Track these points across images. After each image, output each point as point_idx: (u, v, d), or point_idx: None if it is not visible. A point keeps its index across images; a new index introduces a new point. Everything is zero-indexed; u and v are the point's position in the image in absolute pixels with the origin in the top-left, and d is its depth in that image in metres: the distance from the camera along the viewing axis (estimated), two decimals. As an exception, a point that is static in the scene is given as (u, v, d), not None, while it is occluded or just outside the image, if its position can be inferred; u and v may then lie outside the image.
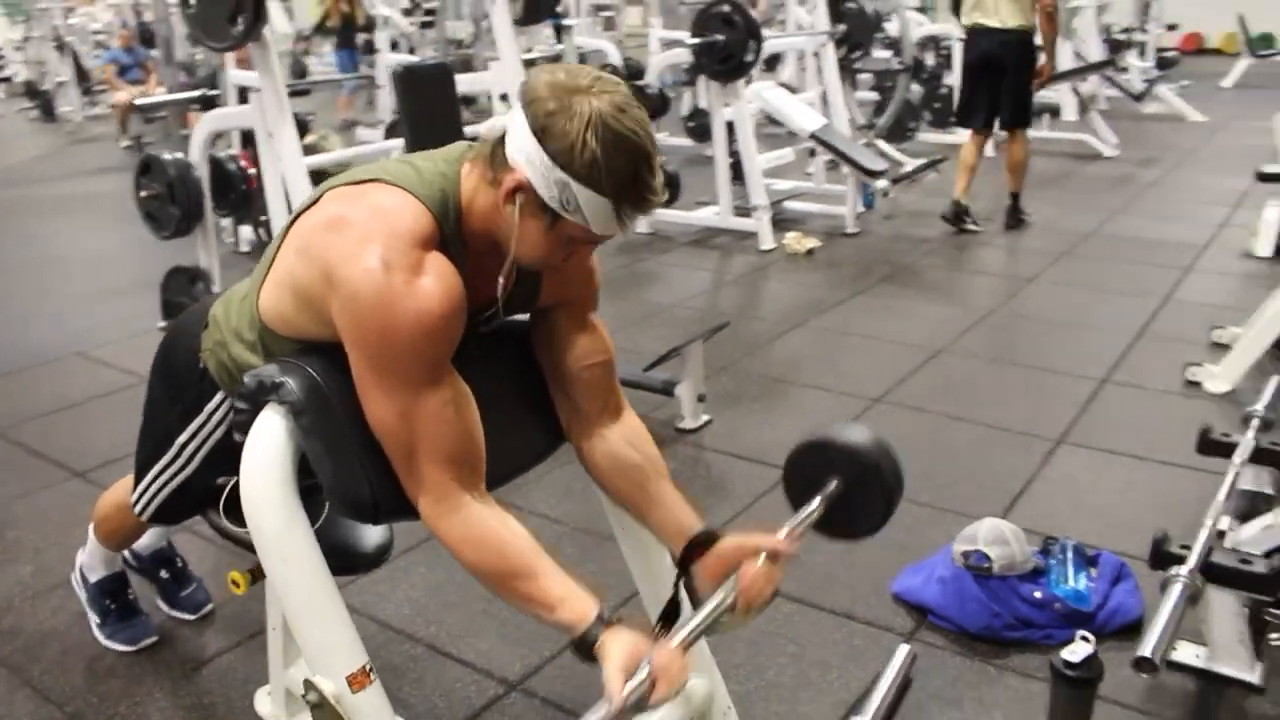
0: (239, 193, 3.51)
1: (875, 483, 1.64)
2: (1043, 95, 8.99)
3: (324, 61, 12.29)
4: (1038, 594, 2.29)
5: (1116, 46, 9.57)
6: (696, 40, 4.91)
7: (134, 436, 1.82)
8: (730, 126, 5.29)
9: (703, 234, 5.74)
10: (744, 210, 5.53)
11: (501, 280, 1.38)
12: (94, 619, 2.30)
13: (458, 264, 1.34)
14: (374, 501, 1.36)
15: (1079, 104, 8.88)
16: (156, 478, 1.75)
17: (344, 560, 1.73)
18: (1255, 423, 2.69)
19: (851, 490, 1.63)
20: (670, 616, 1.51)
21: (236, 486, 1.66)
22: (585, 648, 1.29)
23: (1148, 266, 5.10)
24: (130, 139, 9.80)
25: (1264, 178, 5.27)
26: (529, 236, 1.34)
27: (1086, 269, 5.13)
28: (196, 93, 4.87)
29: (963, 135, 6.13)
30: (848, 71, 6.58)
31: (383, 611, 2.38)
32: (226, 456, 1.65)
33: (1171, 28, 12.74)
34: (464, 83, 3.78)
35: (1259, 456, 2.56)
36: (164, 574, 2.38)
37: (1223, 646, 2.16)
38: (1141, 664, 1.85)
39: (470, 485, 1.36)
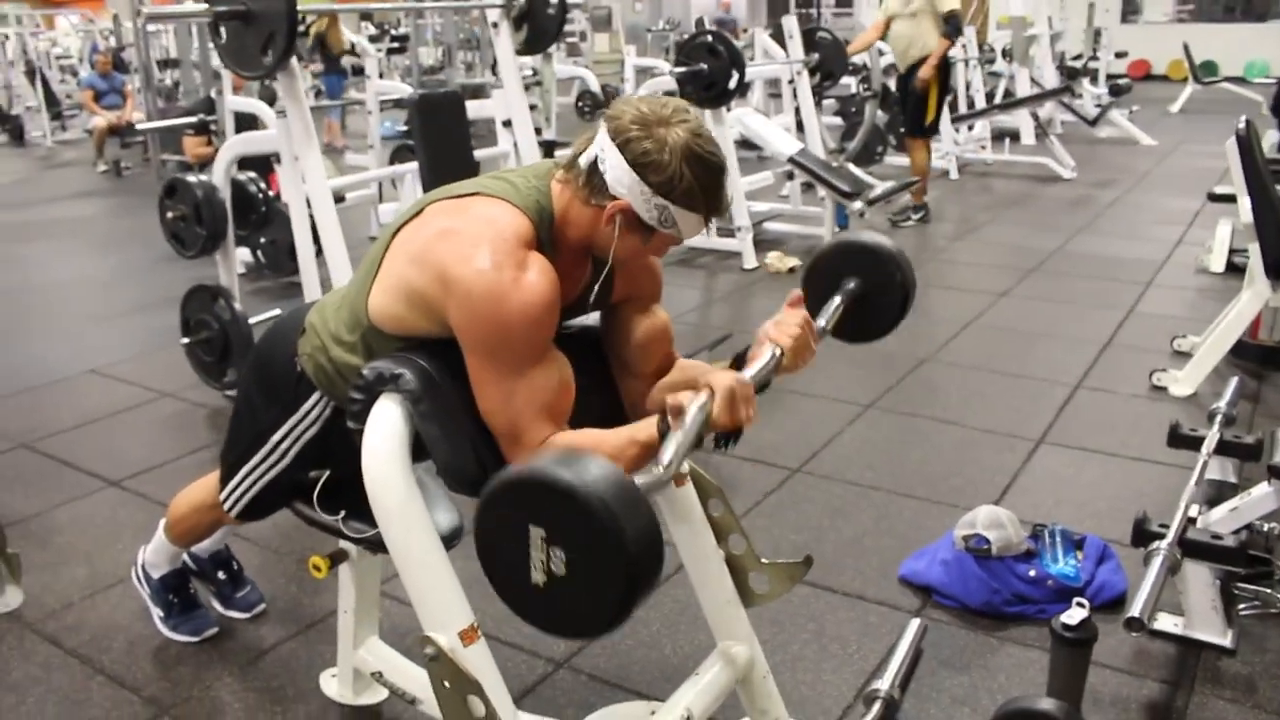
0: (260, 214, 3.66)
1: (893, 278, 1.85)
2: (1001, 120, 9.40)
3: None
4: (1032, 573, 2.51)
5: (1071, 74, 9.95)
6: (682, 69, 5.14)
7: (163, 447, 2.00)
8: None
9: (688, 254, 5.96)
10: (726, 231, 5.76)
11: (596, 281, 1.62)
12: (158, 613, 2.44)
13: (551, 264, 1.55)
14: (484, 477, 1.54)
15: (1035, 128, 9.25)
16: (249, 474, 1.92)
17: None
18: (1219, 419, 2.94)
19: (869, 290, 1.84)
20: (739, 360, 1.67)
21: (328, 478, 1.87)
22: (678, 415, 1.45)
23: (1111, 282, 5.39)
24: (107, 164, 9.86)
25: (1214, 198, 5.59)
26: (627, 246, 1.56)
27: (1055, 284, 5.41)
28: (193, 119, 5.02)
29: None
30: (817, 98, 6.85)
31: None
32: (318, 452, 1.85)
33: (1120, 55, 13.23)
34: (470, 110, 3.97)
35: (1223, 449, 2.81)
36: (221, 575, 2.52)
37: (1198, 615, 2.40)
38: (1131, 623, 2.08)
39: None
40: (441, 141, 3.66)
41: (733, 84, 5.17)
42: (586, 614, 1.20)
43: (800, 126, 6.40)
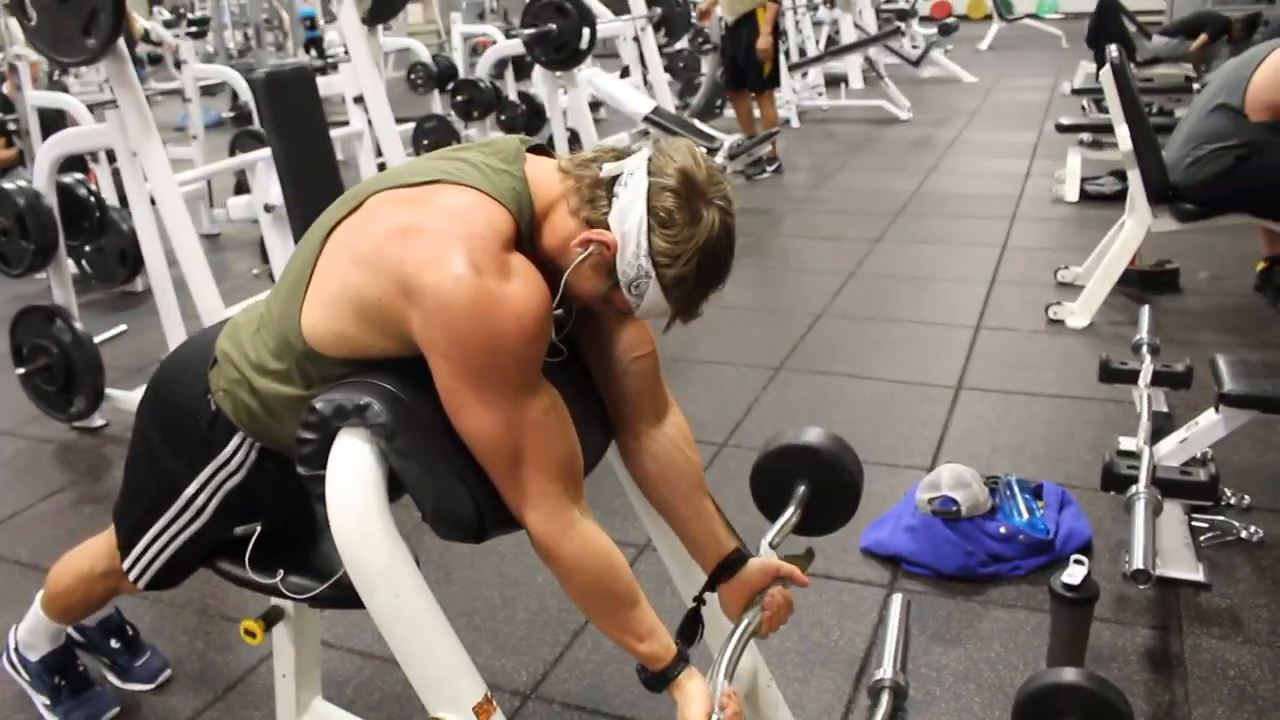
0: (93, 221, 3.21)
1: (841, 476, 1.74)
2: (832, 66, 9.46)
3: (83, 81, 11.40)
4: (1003, 530, 2.41)
5: (901, 15, 10.10)
6: (530, 30, 4.86)
7: (10, 495, 1.67)
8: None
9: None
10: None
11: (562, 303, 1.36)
12: (42, 701, 2.07)
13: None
14: (479, 519, 1.29)
15: (866, 71, 9.35)
16: (159, 536, 1.59)
17: None
18: (1146, 350, 2.92)
19: (818, 489, 1.73)
20: (689, 631, 1.57)
21: (259, 534, 1.57)
22: (663, 682, 1.38)
23: (976, 219, 5.43)
24: None
25: (1063, 129, 5.74)
26: (583, 282, 1.32)
27: (923, 226, 5.41)
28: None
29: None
30: (662, 54, 6.68)
31: (360, 642, 2.25)
32: (243, 503, 1.55)
33: (936, -1, 13.59)
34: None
35: (1157, 379, 2.79)
36: (115, 644, 2.16)
37: (1171, 553, 2.35)
38: (1137, 575, 1.99)
39: (576, 499, 1.32)
40: (294, 124, 3.28)
41: (584, 43, 4.91)
42: None
43: (647, 83, 6.20)
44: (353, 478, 1.24)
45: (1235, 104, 3.57)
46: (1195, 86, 6.25)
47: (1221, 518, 2.51)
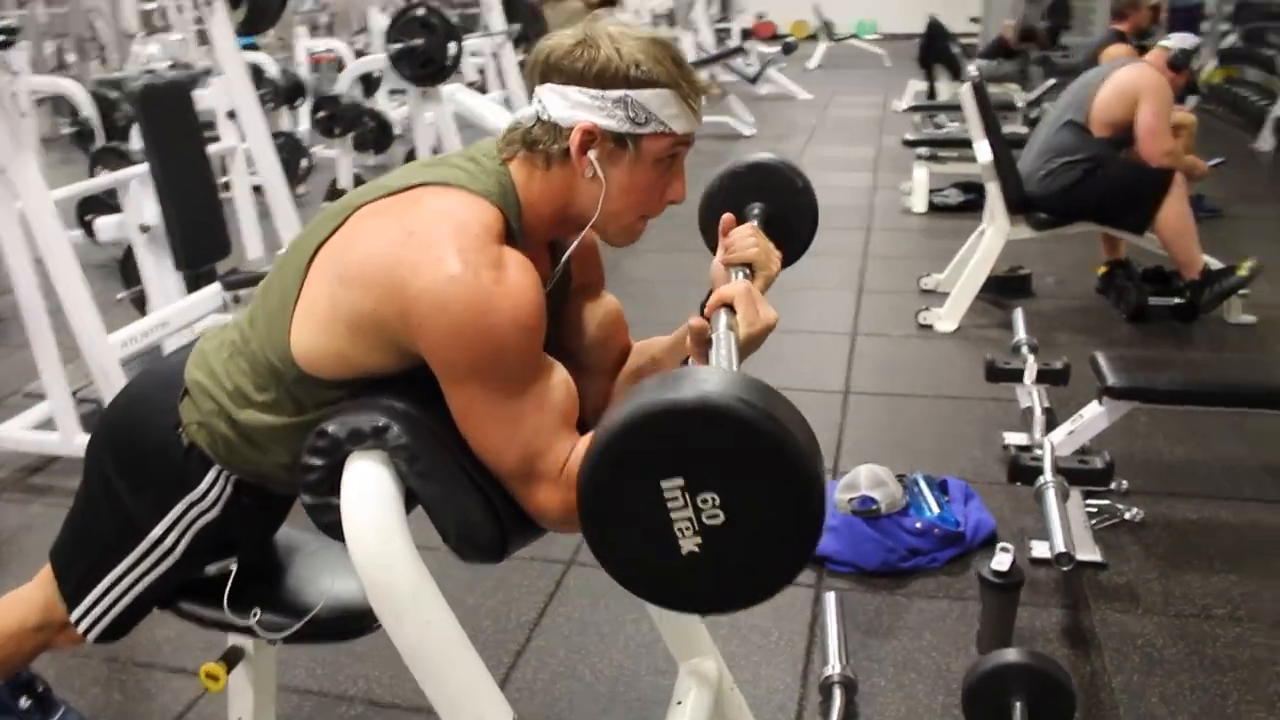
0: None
1: (799, 198, 1.65)
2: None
3: None
4: (918, 525, 2.53)
5: (745, 34, 10.37)
6: (397, 46, 4.78)
7: None
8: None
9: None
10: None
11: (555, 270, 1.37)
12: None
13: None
14: (502, 536, 1.28)
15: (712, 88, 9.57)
16: (119, 582, 1.48)
17: (344, 624, 1.58)
18: (1026, 349, 3.12)
19: (775, 214, 1.63)
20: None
21: (235, 572, 1.50)
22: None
23: (835, 230, 5.62)
24: None
25: (910, 144, 6.03)
26: (620, 182, 1.29)
27: (784, 238, 5.58)
28: None
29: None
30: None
31: (293, 678, 2.17)
32: (215, 540, 1.47)
33: (760, 17, 14.00)
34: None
35: (1040, 377, 2.99)
36: (25, 702, 1.99)
37: (1075, 537, 2.51)
38: (1060, 559, 2.13)
39: (575, 434, 1.30)
40: (171, 138, 3.14)
41: (451, 59, 4.87)
42: (766, 560, 1.00)
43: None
44: (373, 502, 1.21)
45: (1081, 120, 3.87)
46: (1018, 104, 6.71)
47: (1108, 502, 2.71)
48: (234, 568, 1.50)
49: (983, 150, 3.95)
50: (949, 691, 2.08)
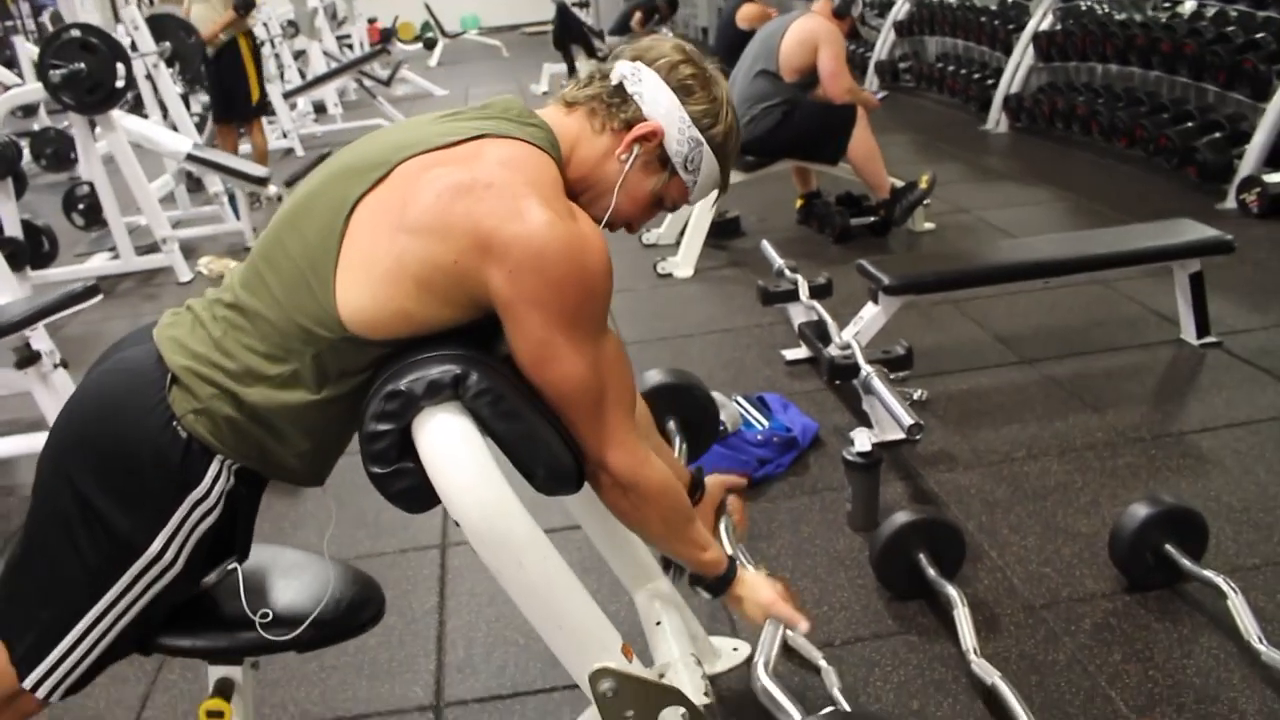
0: None
1: (706, 410, 2.10)
2: (313, 93, 9.37)
3: None
4: (759, 436, 2.76)
5: (385, 35, 10.17)
6: (59, 72, 4.33)
7: None
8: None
9: (105, 285, 5.07)
10: (144, 248, 5.07)
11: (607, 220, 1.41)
12: None
13: None
14: (578, 467, 1.32)
15: (360, 90, 9.39)
16: (94, 625, 1.32)
17: (347, 624, 1.54)
18: (789, 271, 3.45)
19: (689, 423, 2.04)
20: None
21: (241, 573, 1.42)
22: (726, 582, 1.54)
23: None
24: None
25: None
26: (634, 189, 1.38)
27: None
28: None
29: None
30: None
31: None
32: (214, 543, 1.36)
33: (373, 21, 13.81)
34: None
35: (813, 293, 3.32)
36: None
37: (883, 421, 2.84)
38: (913, 429, 2.43)
39: (638, 432, 1.39)
40: None
41: (120, 81, 4.49)
42: None
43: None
44: (469, 453, 1.20)
45: (772, 69, 4.27)
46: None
47: (899, 387, 3.07)
48: (236, 568, 1.41)
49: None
50: (846, 566, 2.32)
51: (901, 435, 2.79)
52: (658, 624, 1.83)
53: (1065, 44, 6.17)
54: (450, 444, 1.21)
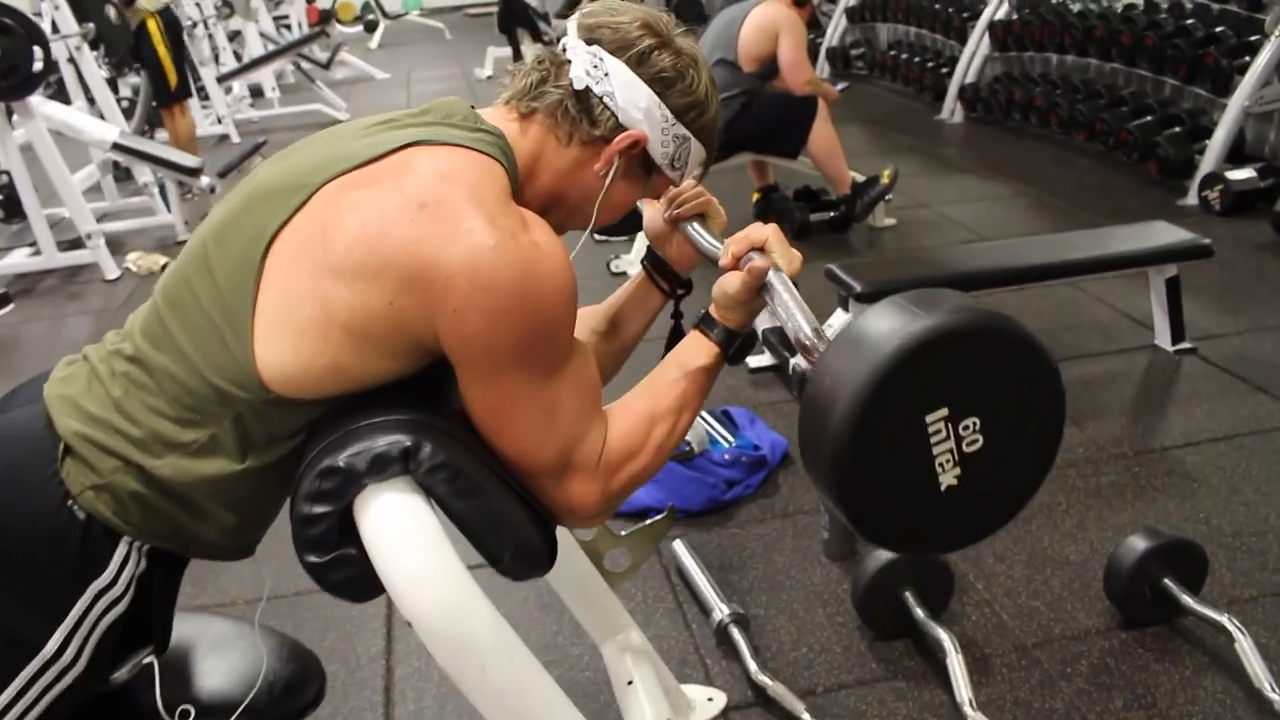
0: None
1: None
2: (250, 76, 9.04)
3: None
4: (727, 456, 2.60)
5: (324, 17, 9.88)
6: (-34, 55, 4.03)
7: None
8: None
9: (24, 283, 4.79)
10: (68, 243, 4.79)
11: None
12: None
13: None
14: (553, 540, 1.15)
15: (296, 74, 9.07)
16: None
17: (283, 710, 1.37)
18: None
19: None
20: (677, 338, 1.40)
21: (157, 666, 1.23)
22: (731, 349, 1.24)
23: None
24: None
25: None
26: (617, 198, 1.22)
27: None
28: None
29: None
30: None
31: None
32: (124, 634, 1.17)
33: (311, 1, 13.39)
34: None
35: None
36: None
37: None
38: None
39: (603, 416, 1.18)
40: None
41: (39, 65, 4.20)
42: (1023, 468, 1.05)
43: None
44: (420, 540, 1.01)
45: (731, 58, 4.10)
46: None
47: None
48: (152, 661, 1.22)
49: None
50: (825, 601, 2.18)
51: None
52: (629, 683, 1.69)
53: (1022, 34, 6.09)
54: (398, 532, 1.02)
